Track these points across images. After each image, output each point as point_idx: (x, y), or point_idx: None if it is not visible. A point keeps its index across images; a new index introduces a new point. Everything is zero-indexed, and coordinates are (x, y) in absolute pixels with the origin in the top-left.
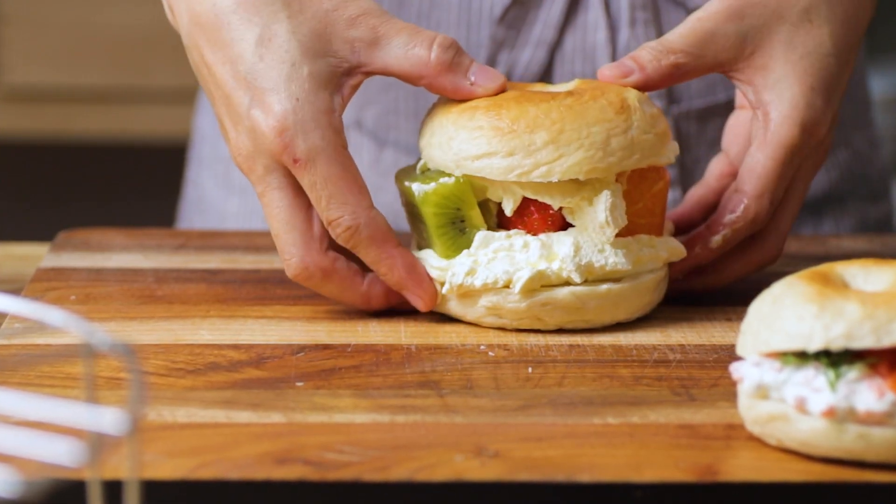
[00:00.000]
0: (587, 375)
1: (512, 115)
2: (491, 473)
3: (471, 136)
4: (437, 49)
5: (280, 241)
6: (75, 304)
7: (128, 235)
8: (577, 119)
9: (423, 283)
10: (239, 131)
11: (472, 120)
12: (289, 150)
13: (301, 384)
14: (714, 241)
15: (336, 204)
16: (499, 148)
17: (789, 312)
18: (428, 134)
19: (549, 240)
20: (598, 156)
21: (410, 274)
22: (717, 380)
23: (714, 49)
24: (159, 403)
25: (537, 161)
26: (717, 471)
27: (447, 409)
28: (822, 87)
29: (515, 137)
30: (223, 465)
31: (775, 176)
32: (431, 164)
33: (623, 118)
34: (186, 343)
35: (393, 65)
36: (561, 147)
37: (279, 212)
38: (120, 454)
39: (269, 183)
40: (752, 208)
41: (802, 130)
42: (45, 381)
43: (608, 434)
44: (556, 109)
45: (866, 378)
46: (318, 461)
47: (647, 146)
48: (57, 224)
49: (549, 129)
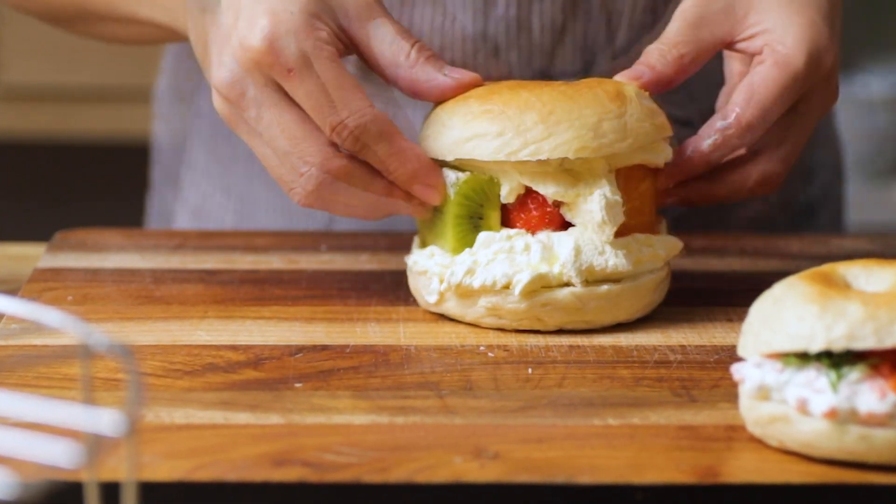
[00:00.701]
0: (587, 376)
1: (503, 98)
2: (490, 475)
3: (463, 120)
4: (418, 46)
5: (292, 157)
6: (72, 305)
7: (125, 236)
8: (570, 102)
9: (434, 173)
10: (224, 53)
11: (464, 106)
12: (280, 59)
13: (299, 385)
14: (705, 144)
15: (339, 106)
16: (489, 129)
17: (791, 313)
18: (425, 126)
19: (550, 241)
20: (588, 136)
21: (422, 164)
22: (718, 381)
23: (710, 28)
24: (157, 404)
25: (526, 140)
26: (718, 472)
27: (447, 410)
28: (824, 15)
29: (506, 119)
30: (221, 466)
31: (773, 94)
32: (428, 152)
33: (617, 105)
34: (184, 344)
35: (375, 45)
36: (551, 126)
37: (285, 126)
38: (117, 455)
39: (263, 102)
40: (744, 117)
41: (809, 58)
42: (42, 382)
43: (609, 435)
44: (549, 94)
45: (868, 379)
46: (317, 462)
47: (641, 133)
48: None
49: (539, 111)
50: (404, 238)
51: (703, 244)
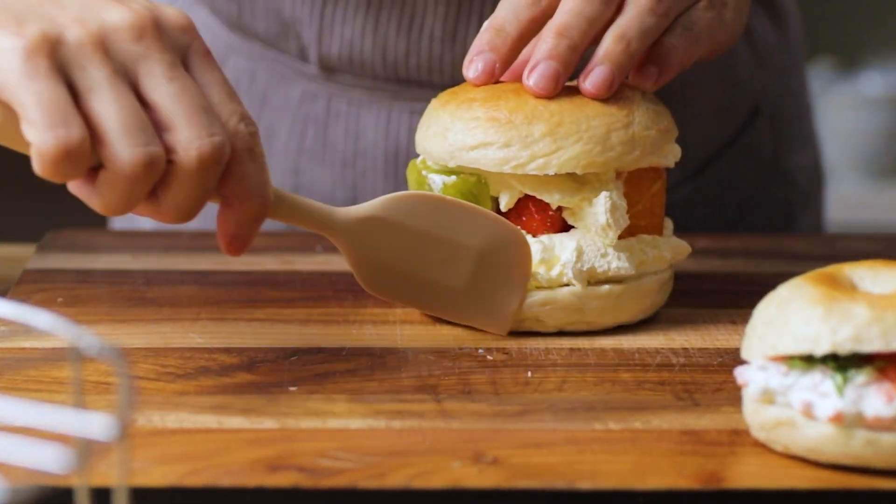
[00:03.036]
0: (588, 380)
1: (510, 105)
2: (489, 480)
3: (467, 126)
4: None
5: (202, 117)
6: (63, 307)
7: (116, 236)
8: (577, 111)
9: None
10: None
11: (469, 111)
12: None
13: (294, 389)
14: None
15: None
16: (495, 138)
17: (796, 315)
18: (424, 126)
19: (552, 242)
20: (596, 150)
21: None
22: (721, 384)
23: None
24: (149, 408)
25: (534, 153)
26: (721, 478)
27: (444, 414)
28: None
29: (513, 128)
30: (214, 471)
31: None
32: (427, 156)
33: (625, 113)
34: (177, 347)
35: None
36: (559, 139)
37: (198, 91)
38: (108, 461)
39: (176, 65)
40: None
41: None
42: (31, 386)
43: (610, 440)
44: (556, 101)
45: (875, 382)
46: (312, 468)
47: (648, 142)
48: (44, 224)
49: (547, 121)
50: None
51: (706, 245)
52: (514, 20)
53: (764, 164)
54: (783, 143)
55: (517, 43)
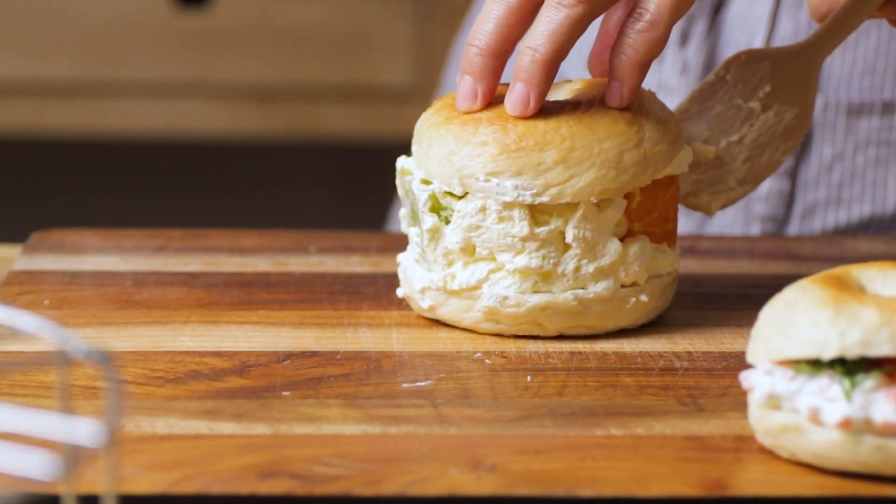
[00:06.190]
0: (589, 384)
1: (519, 131)
2: (487, 487)
3: (474, 152)
4: None
5: None
6: (49, 309)
7: (104, 236)
8: (588, 134)
9: None
10: None
11: (475, 135)
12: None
13: (287, 393)
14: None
15: None
16: (506, 167)
17: (802, 318)
18: (425, 144)
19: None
20: (610, 175)
21: None
22: (726, 389)
23: None
24: (138, 414)
25: (547, 182)
26: (726, 485)
27: (441, 419)
28: None
29: (524, 155)
30: (205, 478)
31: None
32: (429, 176)
33: (635, 129)
34: (166, 350)
35: None
36: (572, 166)
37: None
38: (96, 467)
39: None
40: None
41: None
42: (17, 391)
43: (611, 446)
44: (566, 123)
45: (883, 387)
46: (306, 475)
47: (658, 158)
48: (30, 225)
49: (558, 147)
50: (397, 239)
51: (710, 246)
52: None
53: None
54: None
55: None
